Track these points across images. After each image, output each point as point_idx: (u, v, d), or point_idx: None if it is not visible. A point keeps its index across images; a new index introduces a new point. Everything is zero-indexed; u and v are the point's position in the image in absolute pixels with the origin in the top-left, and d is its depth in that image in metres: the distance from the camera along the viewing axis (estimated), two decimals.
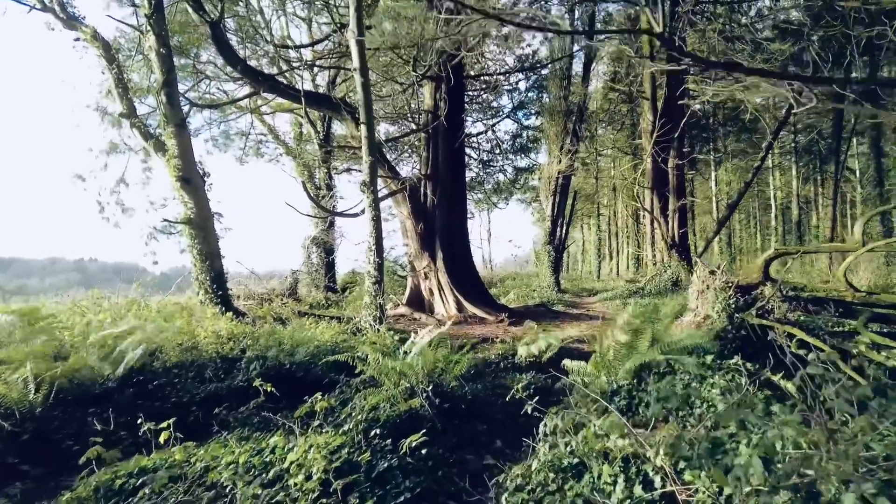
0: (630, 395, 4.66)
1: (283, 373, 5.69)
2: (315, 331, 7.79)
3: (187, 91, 15.48)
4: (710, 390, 4.25)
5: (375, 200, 8.61)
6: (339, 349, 6.74)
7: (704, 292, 6.38)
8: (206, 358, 5.94)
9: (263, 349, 5.96)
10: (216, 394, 4.98)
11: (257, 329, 7.48)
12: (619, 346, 4.95)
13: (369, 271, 8.56)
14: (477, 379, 5.76)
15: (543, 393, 6.07)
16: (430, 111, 13.17)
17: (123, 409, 4.35)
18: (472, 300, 12.32)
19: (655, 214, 19.75)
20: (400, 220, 13.31)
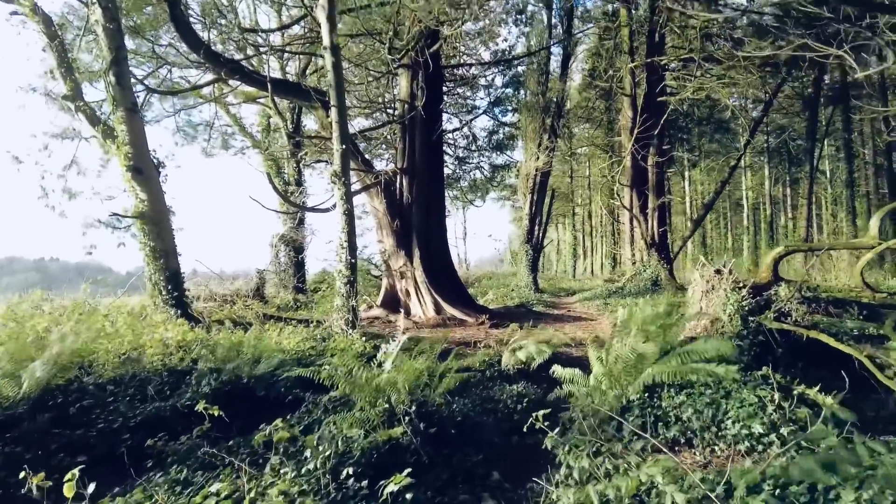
0: (644, 413, 4.05)
1: (241, 389, 4.91)
2: (280, 337, 7.00)
3: (146, 77, 14.38)
4: (740, 407, 3.67)
5: (348, 193, 7.85)
6: (306, 359, 5.99)
7: (710, 293, 5.85)
8: (149, 371, 5.11)
9: (219, 360, 5.15)
10: (157, 416, 4.17)
11: (214, 336, 6.64)
12: (629, 354, 4.34)
13: (341, 270, 7.80)
14: (463, 392, 5.09)
15: (536, 406, 5.44)
16: (406, 101, 12.44)
17: (33, 441, 3.52)
18: (451, 301, 11.65)
19: (635, 212, 19.44)
20: (374, 217, 12.54)
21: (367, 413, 3.67)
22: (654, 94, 18.89)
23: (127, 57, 9.26)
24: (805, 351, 4.75)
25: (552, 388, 6.19)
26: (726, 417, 3.65)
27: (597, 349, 5.77)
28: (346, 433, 3.20)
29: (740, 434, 3.50)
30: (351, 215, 7.84)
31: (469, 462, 3.50)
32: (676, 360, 4.22)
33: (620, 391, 4.50)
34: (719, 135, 31.19)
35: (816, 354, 4.70)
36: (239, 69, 10.38)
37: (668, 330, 4.76)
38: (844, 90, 23.37)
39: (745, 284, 5.36)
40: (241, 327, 8.47)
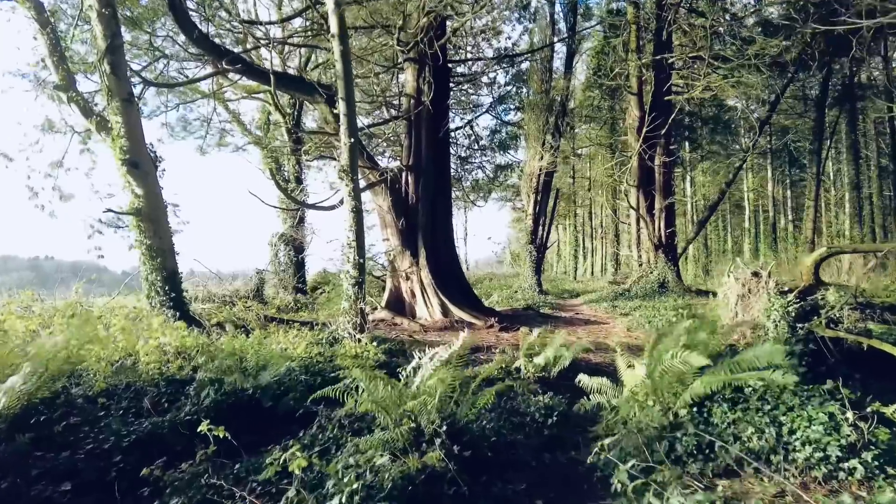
0: (697, 432, 3.64)
1: (245, 402, 4.47)
2: (284, 342, 6.57)
3: (142, 70, 13.93)
4: (808, 426, 3.26)
5: (356, 189, 7.43)
6: (314, 366, 5.55)
7: (746, 298, 5.46)
8: (145, 381, 4.66)
9: (220, 369, 4.71)
10: (153, 434, 3.72)
11: (214, 341, 6.20)
12: (679, 366, 3.93)
13: (348, 271, 7.37)
14: (490, 405, 4.67)
15: (564, 420, 5.04)
16: (412, 96, 12.02)
17: (11, 466, 3.07)
18: (459, 303, 11.24)
19: (642, 213, 19.08)
20: (379, 215, 12.12)
21: (392, 433, 3.25)
22: (662, 93, 18.54)
23: (123, 45, 8.81)
24: (861, 362, 4.37)
25: (576, 397, 5.78)
26: (794, 438, 3.24)
27: (628, 358, 5.38)
28: (375, 461, 2.77)
29: (813, 458, 3.09)
30: (359, 213, 7.41)
31: (510, 491, 3.08)
32: (726, 371, 3.82)
33: (665, 406, 4.10)
34: (721, 136, 30.92)
35: (875, 365, 4.32)
36: (238, 60, 9.93)
37: (712, 339, 4.36)
38: (851, 91, 23.10)
39: (789, 289, 4.98)
40: (243, 330, 8.02)
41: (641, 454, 3.62)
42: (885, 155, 26.49)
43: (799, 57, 18.59)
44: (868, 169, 28.26)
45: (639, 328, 10.55)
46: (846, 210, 27.62)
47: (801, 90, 28.19)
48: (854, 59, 22.78)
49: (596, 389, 5.40)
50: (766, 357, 3.62)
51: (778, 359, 3.55)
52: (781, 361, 3.69)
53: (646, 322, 10.65)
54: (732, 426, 3.58)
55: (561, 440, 4.69)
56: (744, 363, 3.76)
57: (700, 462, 3.40)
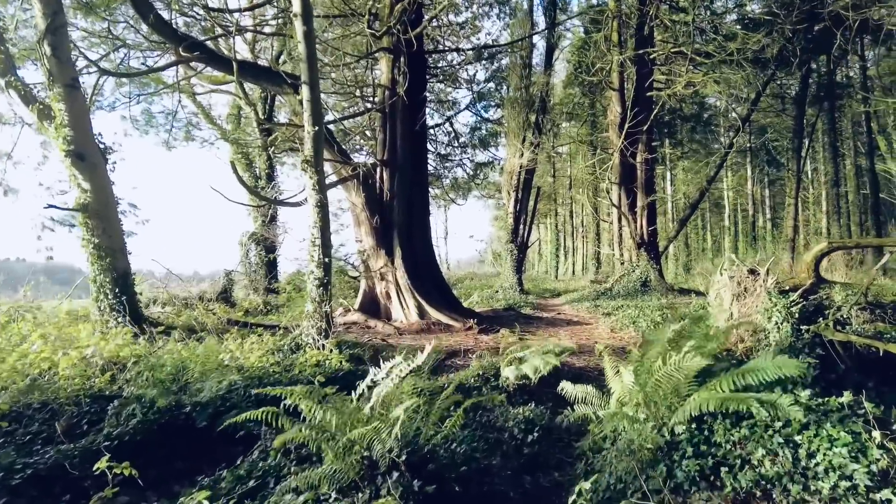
0: (697, 453, 3.15)
1: (181, 422, 3.87)
2: (241, 349, 5.95)
3: (100, 59, 13.11)
4: (830, 448, 2.79)
5: (321, 182, 6.82)
6: (268, 378, 4.95)
7: (743, 296, 5.01)
8: (64, 399, 4.02)
9: (150, 384, 4.10)
10: (55, 467, 3.11)
11: (158, 349, 5.56)
12: (676, 375, 3.45)
13: (312, 271, 6.77)
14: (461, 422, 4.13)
15: (546, 435, 4.54)
16: (387, 87, 11.44)
17: None
18: (436, 304, 10.69)
19: (624, 211, 18.77)
20: (352, 212, 11.51)
21: (341, 464, 2.69)
22: (643, 89, 18.26)
23: (66, 26, 8.06)
24: (872, 367, 3.94)
25: (559, 406, 5.31)
26: (814, 463, 2.77)
27: (615, 364, 4.90)
28: None
29: (840, 488, 2.62)
30: (324, 208, 6.81)
31: None
32: (728, 385, 3.34)
33: (658, 420, 3.61)
34: (700, 135, 30.90)
35: (889, 372, 3.89)
36: (198, 46, 9.24)
37: (707, 341, 3.89)
38: (830, 89, 23.15)
39: (790, 287, 4.55)
40: (197, 336, 7.37)
41: (635, 481, 3.13)
42: (861, 154, 26.69)
43: (780, 54, 18.47)
44: (844, 167, 28.48)
45: (623, 329, 10.14)
46: (823, 208, 27.80)
47: (780, 89, 28.30)
48: (832, 57, 22.86)
49: (580, 399, 4.92)
50: (775, 368, 3.15)
51: (790, 370, 3.07)
52: (794, 373, 3.21)
53: (630, 322, 10.24)
54: (739, 447, 3.10)
55: (543, 459, 4.19)
56: (750, 375, 3.28)
57: (705, 491, 2.90)
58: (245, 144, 16.86)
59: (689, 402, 3.35)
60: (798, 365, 3.20)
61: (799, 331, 4.09)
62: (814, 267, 4.84)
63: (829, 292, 4.41)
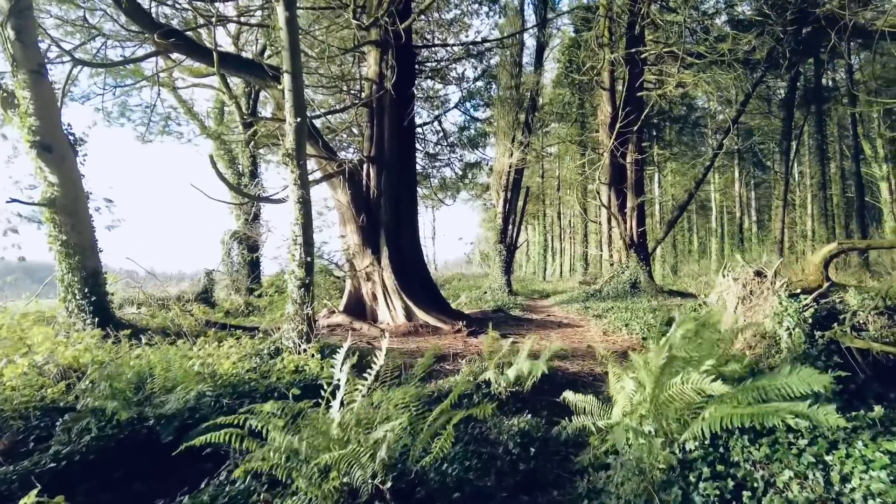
0: (715, 474, 2.85)
1: (143, 437, 3.49)
2: (216, 354, 5.56)
3: (75, 49, 12.59)
4: (866, 471, 2.50)
5: (303, 177, 6.45)
6: (243, 385, 4.58)
7: (748, 299, 4.74)
8: (10, 412, 3.61)
9: (107, 396, 3.70)
10: None
11: (122, 355, 5.14)
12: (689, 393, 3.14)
13: (294, 271, 6.40)
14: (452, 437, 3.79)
15: (543, 448, 4.22)
16: (374, 81, 11.08)
17: None
18: (424, 306, 10.35)
19: (613, 211, 18.59)
20: (337, 210, 11.12)
21: (317, 492, 2.34)
22: (634, 89, 18.08)
23: (31, 7, 7.59)
24: (891, 377, 3.68)
25: (554, 414, 5.00)
26: (849, 488, 2.48)
27: (619, 372, 4.61)
28: None
29: None
30: (306, 204, 6.44)
31: None
32: (749, 398, 3.04)
33: (668, 435, 3.31)
34: (688, 136, 30.95)
35: None
36: (177, 35, 8.80)
37: (728, 364, 3.60)
38: (817, 92, 23.23)
39: (801, 290, 4.29)
40: (171, 339, 6.94)
41: None
42: (847, 157, 26.87)
43: (769, 55, 18.45)
44: (830, 170, 28.68)
45: (616, 332, 9.88)
46: (808, 211, 27.94)
47: (768, 91, 28.40)
48: (820, 60, 22.97)
49: (581, 409, 4.62)
50: (802, 383, 2.85)
51: (817, 384, 2.78)
52: (824, 387, 2.90)
53: (622, 325, 9.98)
54: (761, 467, 2.80)
55: (540, 475, 3.86)
56: (771, 389, 2.99)
57: None
58: (227, 140, 16.35)
59: (705, 416, 3.04)
60: (828, 380, 2.90)
61: (812, 336, 3.82)
62: (823, 269, 4.58)
63: (842, 296, 4.15)
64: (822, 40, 20.54)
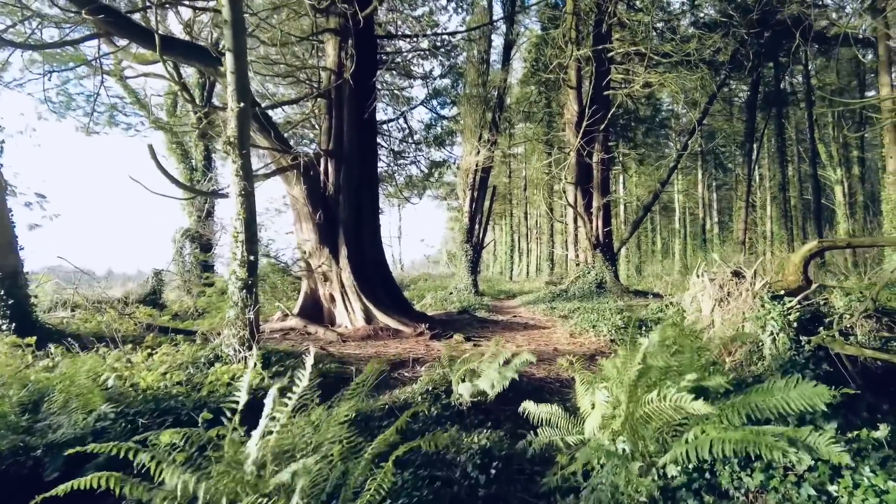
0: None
1: (25, 472, 2.89)
2: (139, 365, 4.92)
3: (5, 30, 11.55)
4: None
5: (246, 167, 5.86)
6: (167, 401, 3.99)
7: (725, 302, 4.43)
8: None
9: (8, 412, 3.07)
10: None
11: (25, 367, 4.46)
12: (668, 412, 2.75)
13: (235, 271, 5.80)
14: (401, 460, 3.32)
15: (506, 466, 3.79)
16: (333, 71, 10.50)
17: None
18: (385, 308, 9.83)
19: (580, 211, 18.43)
20: (293, 207, 10.48)
21: None
22: (601, 88, 17.97)
23: None
24: (881, 385, 3.40)
25: (519, 426, 4.60)
26: None
27: (588, 379, 4.23)
28: None
29: None
30: (249, 197, 5.85)
31: None
32: (738, 417, 2.67)
33: (646, 458, 2.92)
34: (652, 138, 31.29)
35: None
36: (109, 12, 8.03)
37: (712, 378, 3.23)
38: (778, 96, 23.71)
39: (783, 292, 4.00)
40: (98, 347, 6.23)
41: None
42: (804, 161, 27.64)
43: (733, 57, 18.66)
44: (788, 173, 29.45)
45: (583, 333, 9.57)
46: (768, 212, 28.61)
47: (730, 93, 28.97)
48: (780, 64, 23.47)
49: (545, 421, 4.21)
50: (799, 398, 2.48)
51: (818, 401, 2.41)
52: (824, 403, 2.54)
53: (590, 326, 9.69)
54: (755, 498, 2.43)
55: (503, 502, 3.44)
56: (765, 406, 2.62)
57: None
58: (178, 133, 15.44)
59: (689, 439, 2.65)
60: (829, 395, 2.54)
61: (798, 342, 3.50)
62: (803, 269, 4.30)
63: (827, 297, 3.86)
64: (782, 45, 20.98)
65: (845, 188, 26.46)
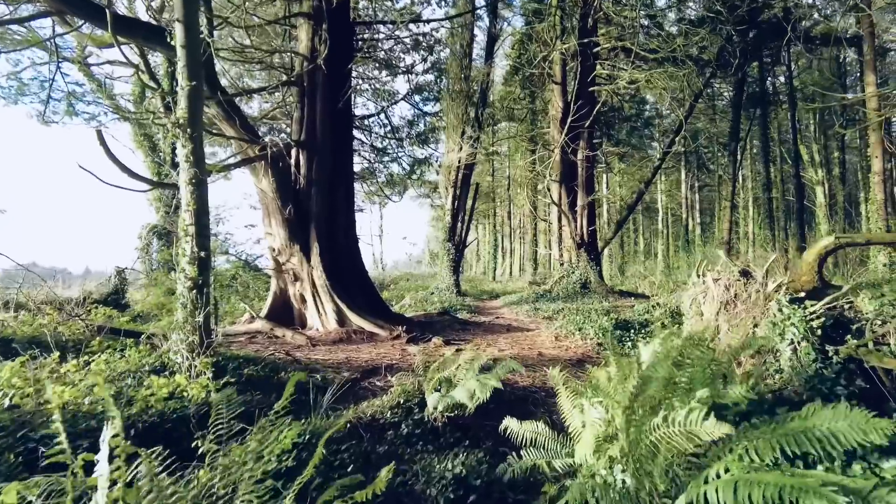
0: None
1: None
2: (74, 375, 4.28)
3: None
4: None
5: (196, 153, 5.21)
6: (86, 422, 3.36)
7: (732, 306, 3.94)
8: None
9: None
10: None
11: None
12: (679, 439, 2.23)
13: (184, 269, 5.16)
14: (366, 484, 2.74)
15: (485, 495, 3.26)
16: (305, 57, 9.86)
17: None
18: (360, 309, 9.23)
19: (564, 209, 18.01)
20: (261, 201, 9.81)
21: None
22: (586, 84, 17.59)
23: None
24: None
25: (501, 443, 4.07)
26: None
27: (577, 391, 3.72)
28: None
29: None
30: (200, 185, 5.20)
31: None
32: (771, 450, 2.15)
33: (656, 498, 2.39)
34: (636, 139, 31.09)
35: None
36: None
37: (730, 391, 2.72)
38: (762, 96, 23.62)
39: (802, 293, 3.53)
40: (34, 352, 5.52)
41: None
42: (787, 162, 27.64)
43: (719, 55, 18.45)
44: (771, 174, 29.49)
45: (569, 336, 9.08)
46: (749, 213, 28.60)
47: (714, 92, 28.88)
48: (763, 64, 23.38)
49: (531, 441, 3.67)
50: (851, 429, 1.97)
51: (878, 436, 1.90)
52: (884, 435, 2.02)
53: (576, 329, 9.20)
54: None
55: None
56: (807, 436, 2.10)
57: None
58: (145, 125, 14.62)
59: (711, 477, 2.12)
60: (892, 427, 2.01)
61: (824, 353, 3.02)
62: (817, 268, 3.83)
63: (850, 301, 3.39)
64: (768, 44, 20.85)
65: (826, 189, 26.52)
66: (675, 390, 2.80)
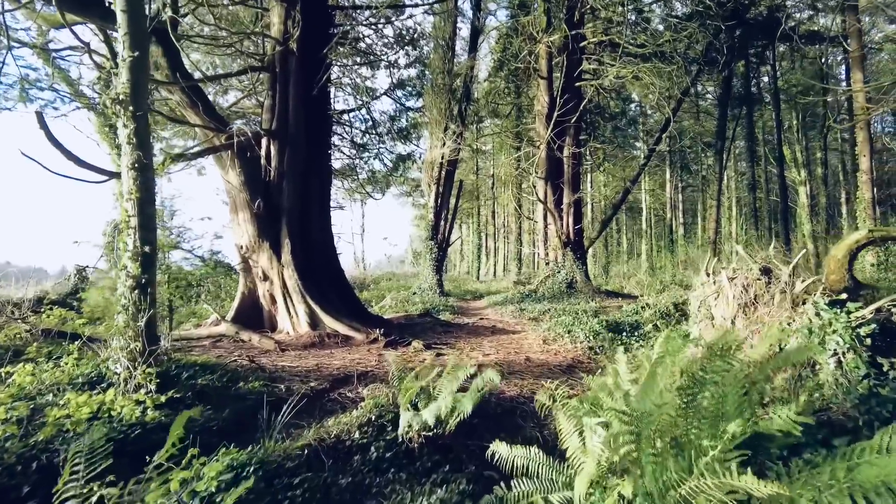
0: None
1: None
2: None
3: None
4: None
5: (141, 133, 4.56)
6: None
7: (751, 309, 3.43)
8: None
9: None
10: None
11: None
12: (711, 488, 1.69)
13: (125, 266, 4.52)
14: None
15: None
16: (277, 40, 9.20)
17: None
18: (334, 311, 8.59)
19: (550, 207, 17.54)
20: (228, 194, 9.11)
21: None
22: (573, 79, 17.15)
23: None
24: None
25: (485, 467, 3.53)
26: None
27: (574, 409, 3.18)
28: None
29: None
30: (145, 171, 4.55)
31: None
32: (837, 501, 1.63)
33: None
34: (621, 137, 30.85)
35: None
36: None
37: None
38: (748, 95, 23.47)
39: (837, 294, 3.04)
40: None
41: None
42: (771, 162, 27.63)
43: (706, 52, 18.16)
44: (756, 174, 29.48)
45: (557, 339, 8.56)
46: (733, 213, 28.53)
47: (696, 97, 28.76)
48: (750, 63, 23.23)
49: (521, 469, 3.12)
50: None
51: None
52: None
53: (565, 331, 8.69)
54: None
55: None
56: (888, 479, 1.57)
57: None
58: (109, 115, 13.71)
59: None
60: None
61: (877, 366, 2.51)
62: (847, 264, 3.35)
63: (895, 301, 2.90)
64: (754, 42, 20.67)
65: (808, 189, 26.53)
66: (702, 422, 2.26)
